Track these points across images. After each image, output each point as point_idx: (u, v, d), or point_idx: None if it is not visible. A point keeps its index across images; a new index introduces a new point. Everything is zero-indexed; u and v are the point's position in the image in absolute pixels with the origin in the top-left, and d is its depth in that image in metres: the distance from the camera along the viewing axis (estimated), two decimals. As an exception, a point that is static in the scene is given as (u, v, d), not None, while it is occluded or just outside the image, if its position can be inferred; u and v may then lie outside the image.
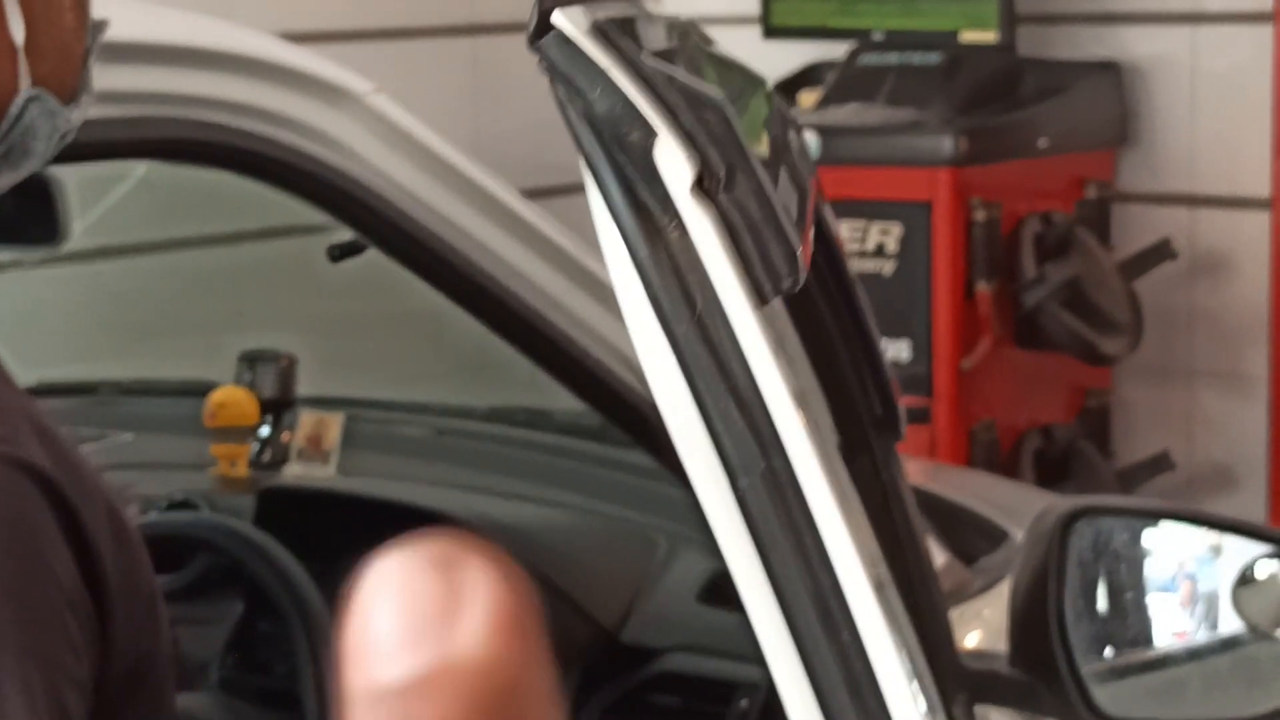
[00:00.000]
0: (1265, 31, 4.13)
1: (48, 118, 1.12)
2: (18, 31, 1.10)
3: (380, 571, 0.71)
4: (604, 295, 1.86)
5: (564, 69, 0.84)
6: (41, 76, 1.12)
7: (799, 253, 0.86)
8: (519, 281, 1.81)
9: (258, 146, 1.64)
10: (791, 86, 4.60)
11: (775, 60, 4.67)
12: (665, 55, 0.89)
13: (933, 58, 4.34)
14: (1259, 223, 4.22)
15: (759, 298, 0.86)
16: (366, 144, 1.71)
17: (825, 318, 1.55)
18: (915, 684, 0.93)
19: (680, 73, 0.86)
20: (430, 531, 0.93)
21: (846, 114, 4.24)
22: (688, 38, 1.04)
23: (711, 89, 0.86)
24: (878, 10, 4.46)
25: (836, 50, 4.51)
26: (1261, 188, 4.18)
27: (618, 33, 0.85)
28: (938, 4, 4.37)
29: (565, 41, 0.84)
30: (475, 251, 1.79)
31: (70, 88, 1.15)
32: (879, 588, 0.91)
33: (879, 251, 4.15)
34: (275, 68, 1.66)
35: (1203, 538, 1.67)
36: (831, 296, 1.67)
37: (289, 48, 1.71)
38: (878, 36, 4.44)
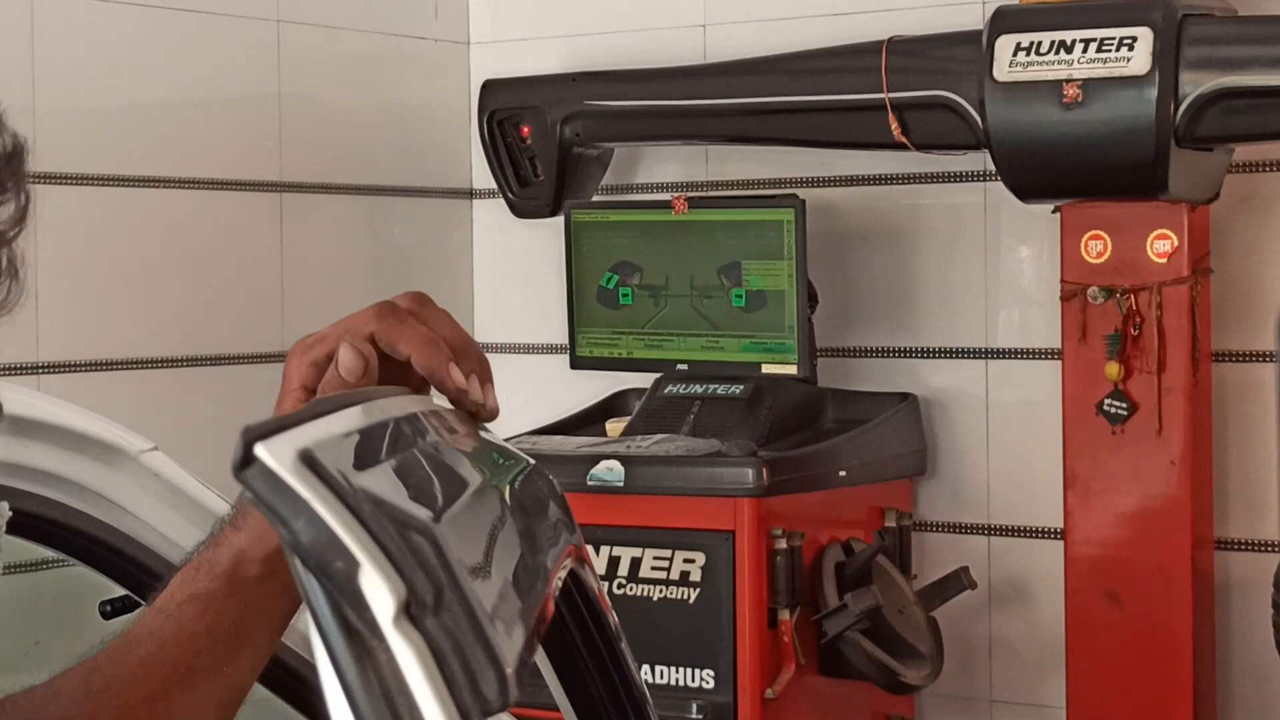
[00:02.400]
0: (1055, 366, 4.27)
1: None
2: None
3: None
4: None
5: (268, 500, 0.86)
6: None
7: (509, 674, 0.87)
8: (296, 638, 1.80)
9: (30, 506, 1.64)
10: (598, 415, 4.68)
11: (583, 388, 4.76)
12: (392, 465, 0.92)
13: (736, 389, 4.43)
14: (1054, 552, 4.31)
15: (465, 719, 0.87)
16: (140, 502, 1.72)
17: (593, 685, 1.56)
18: None
19: (392, 499, 0.88)
20: None
21: (650, 443, 4.31)
22: (430, 434, 1.07)
23: (421, 512, 0.88)
24: (682, 344, 4.56)
25: (644, 379, 4.59)
26: (1054, 518, 4.28)
27: (328, 456, 0.87)
28: (740, 338, 4.48)
29: (267, 474, 0.86)
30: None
31: None
32: None
33: (683, 580, 4.18)
34: (49, 428, 1.68)
35: None
36: (601, 662, 1.69)
37: (64, 406, 1.73)
38: (682, 368, 4.53)
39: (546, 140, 4.76)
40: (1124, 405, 4.08)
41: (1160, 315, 4.06)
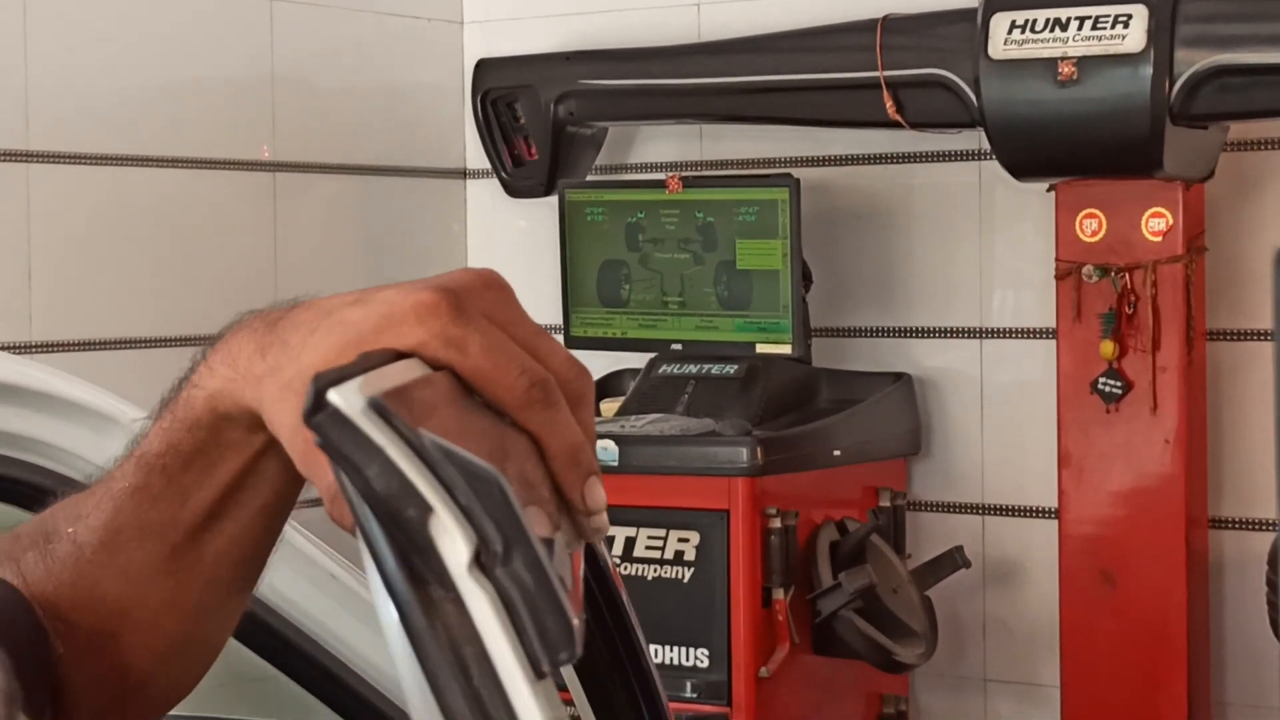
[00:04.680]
0: (1049, 346, 4.26)
1: None
2: None
3: None
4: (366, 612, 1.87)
5: (339, 447, 0.86)
6: None
7: (576, 626, 0.87)
8: (290, 608, 1.80)
9: (19, 474, 1.63)
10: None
11: (577, 369, 4.74)
12: (470, 410, 0.91)
13: (730, 368, 4.43)
14: (1048, 532, 4.31)
15: (536, 672, 0.87)
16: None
17: (606, 669, 1.55)
18: None
19: (457, 449, 0.87)
20: None
21: (645, 423, 4.30)
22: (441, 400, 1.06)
23: (485, 461, 0.87)
24: (676, 323, 4.55)
25: (638, 359, 4.59)
26: (1048, 497, 4.28)
27: (397, 406, 0.86)
28: (734, 318, 4.47)
29: (341, 419, 0.86)
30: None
31: None
32: None
33: (677, 559, 4.18)
34: (39, 395, 1.67)
35: None
36: (609, 630, 1.68)
37: (54, 374, 1.72)
38: (676, 348, 4.53)
39: (540, 119, 4.76)
40: (1118, 384, 4.08)
41: (1155, 294, 4.06)
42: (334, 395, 0.86)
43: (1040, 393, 4.32)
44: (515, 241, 5.03)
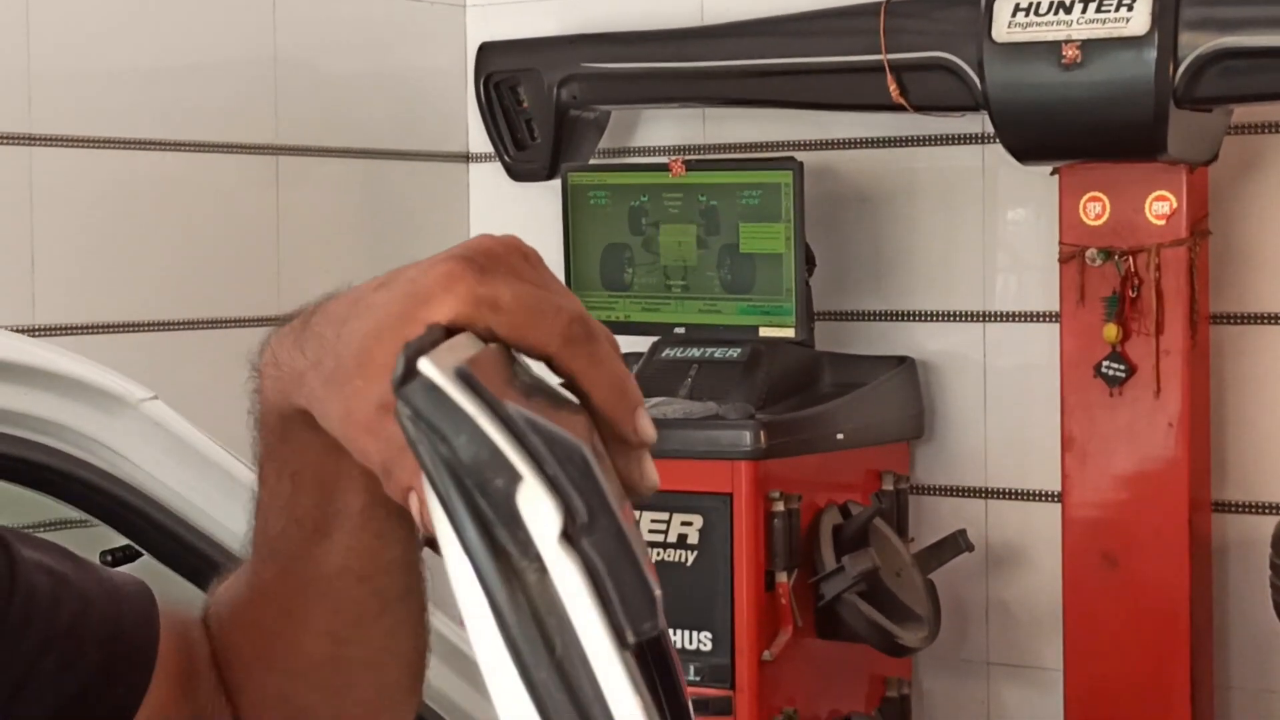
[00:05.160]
0: (1052, 330, 4.26)
1: None
2: None
3: None
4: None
5: (428, 415, 0.85)
6: None
7: (658, 596, 0.87)
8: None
9: (29, 454, 1.63)
10: (596, 378, 4.67)
11: (580, 352, 4.74)
12: (521, 389, 0.91)
13: (733, 352, 4.42)
14: (1051, 516, 4.31)
15: (620, 641, 0.87)
16: (140, 451, 1.71)
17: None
18: None
19: (541, 418, 0.87)
20: None
21: (649, 407, 4.30)
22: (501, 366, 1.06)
23: (571, 435, 0.88)
24: (679, 307, 4.55)
25: (641, 343, 4.59)
26: (1051, 481, 4.28)
27: (484, 375, 0.87)
28: (737, 301, 4.47)
29: (431, 389, 0.86)
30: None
31: None
32: None
33: (681, 543, 4.18)
34: (48, 375, 1.67)
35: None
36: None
37: (62, 354, 1.72)
38: (679, 331, 4.53)
39: (543, 103, 4.75)
40: (1122, 367, 4.08)
41: (1159, 277, 4.06)
42: (424, 364, 0.86)
43: (1043, 376, 4.32)
44: (518, 225, 5.02)
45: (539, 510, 0.84)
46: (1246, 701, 4.24)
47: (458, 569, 0.85)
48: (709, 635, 4.15)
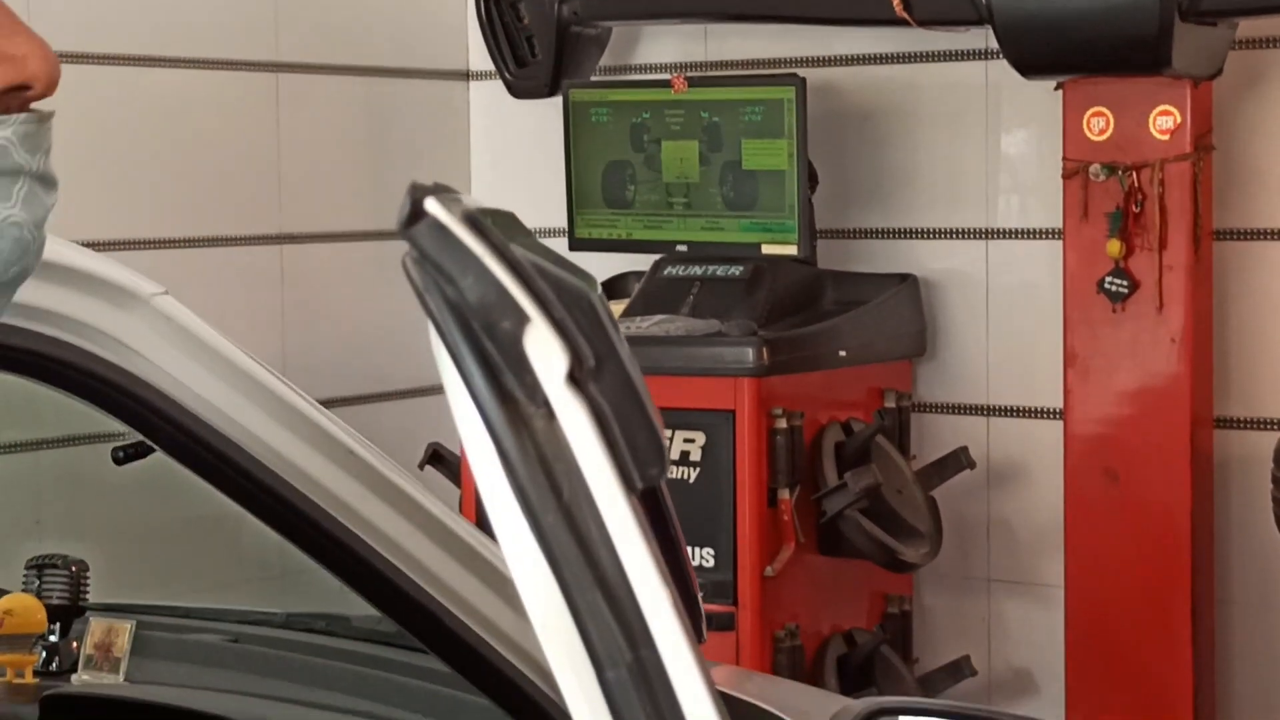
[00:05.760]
0: (1055, 246, 4.25)
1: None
2: None
3: None
4: (397, 499, 1.87)
5: (435, 256, 0.84)
6: None
7: (666, 446, 0.87)
8: (307, 484, 1.80)
9: (39, 347, 1.63)
10: (597, 297, 4.66)
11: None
12: (527, 247, 0.91)
13: (735, 269, 4.42)
14: (1053, 432, 4.31)
15: (628, 485, 0.87)
16: (153, 346, 1.70)
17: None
18: None
19: (547, 263, 0.87)
20: None
21: (651, 324, 4.30)
22: (515, 229, 1.06)
23: (577, 279, 0.87)
24: (682, 224, 4.54)
25: (643, 261, 4.58)
26: (1054, 398, 4.28)
27: (488, 221, 0.86)
28: (740, 219, 4.46)
29: (438, 228, 0.85)
30: (265, 455, 1.79)
31: None
32: None
33: (683, 460, 4.18)
34: (58, 268, 1.66)
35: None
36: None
37: (72, 248, 1.71)
38: (682, 249, 4.52)
39: (544, 19, 4.73)
40: (1125, 283, 4.08)
41: (1162, 192, 4.05)
42: (431, 204, 0.85)
43: (1046, 293, 4.32)
44: (519, 143, 5.01)
45: (546, 353, 0.84)
46: (1247, 616, 4.25)
47: (465, 419, 0.85)
48: (711, 552, 4.16)
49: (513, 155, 5.01)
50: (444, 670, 2.08)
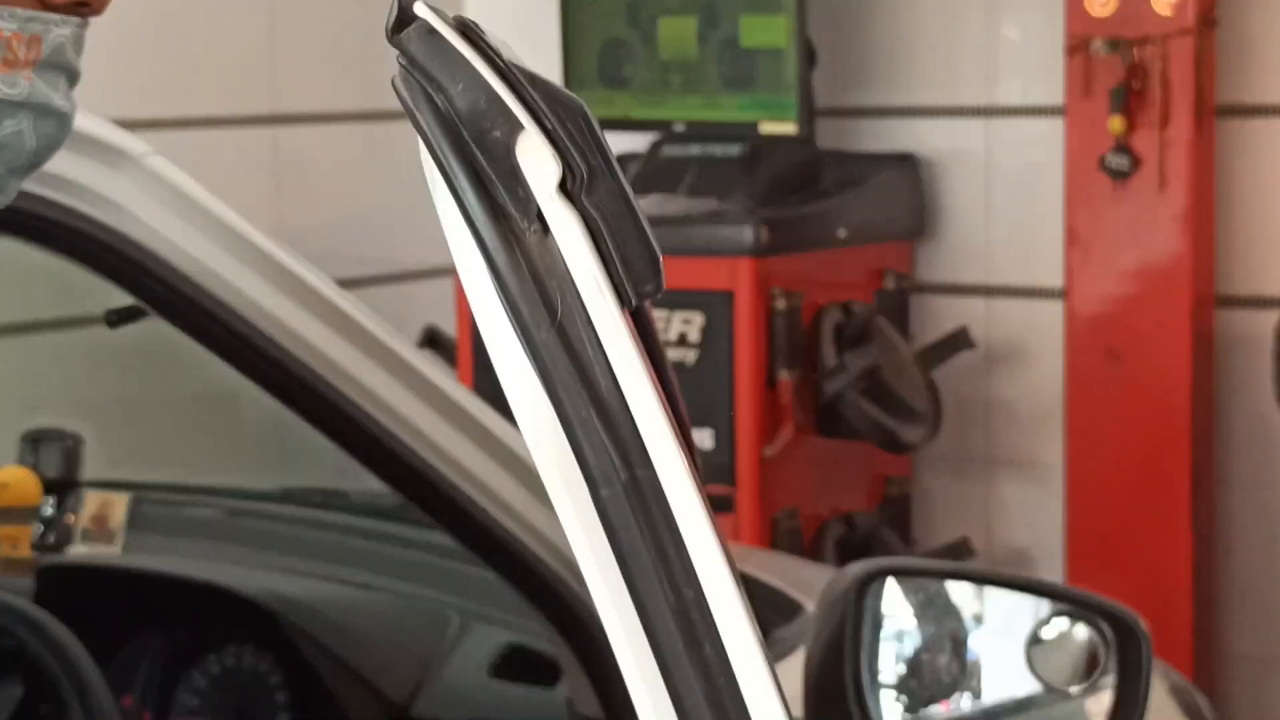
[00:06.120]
0: (1056, 124, 4.21)
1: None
2: None
3: None
4: (396, 367, 1.84)
5: (425, 62, 0.82)
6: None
7: (660, 259, 0.85)
8: (305, 349, 1.77)
9: (30, 207, 1.60)
10: (594, 178, 4.62)
11: (578, 152, 4.69)
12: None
13: (733, 149, 4.37)
14: (1053, 312, 4.29)
15: (622, 302, 0.85)
16: (144, 206, 1.67)
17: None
18: (781, 702, 0.90)
19: (539, 74, 0.84)
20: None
21: (649, 204, 4.26)
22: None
23: (573, 95, 0.85)
24: (679, 103, 4.49)
25: (639, 141, 4.54)
26: (1054, 278, 4.25)
27: (478, 29, 0.83)
28: (738, 97, 4.41)
29: (429, 33, 0.82)
30: (258, 317, 1.76)
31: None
32: (746, 601, 0.89)
33: (681, 341, 4.16)
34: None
35: (995, 597, 1.67)
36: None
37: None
38: (679, 128, 4.47)
39: (539, -105, 4.66)
40: (1126, 160, 4.04)
41: (1165, 68, 4.00)
42: (420, 8, 0.83)
43: (1047, 172, 4.28)
44: (514, 20, 4.95)
45: (538, 162, 0.82)
46: (1247, 496, 4.24)
47: (457, 236, 0.83)
48: (711, 433, 4.14)
49: (507, 32, 4.90)
50: (442, 543, 2.07)
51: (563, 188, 0.83)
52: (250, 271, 1.74)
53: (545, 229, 0.83)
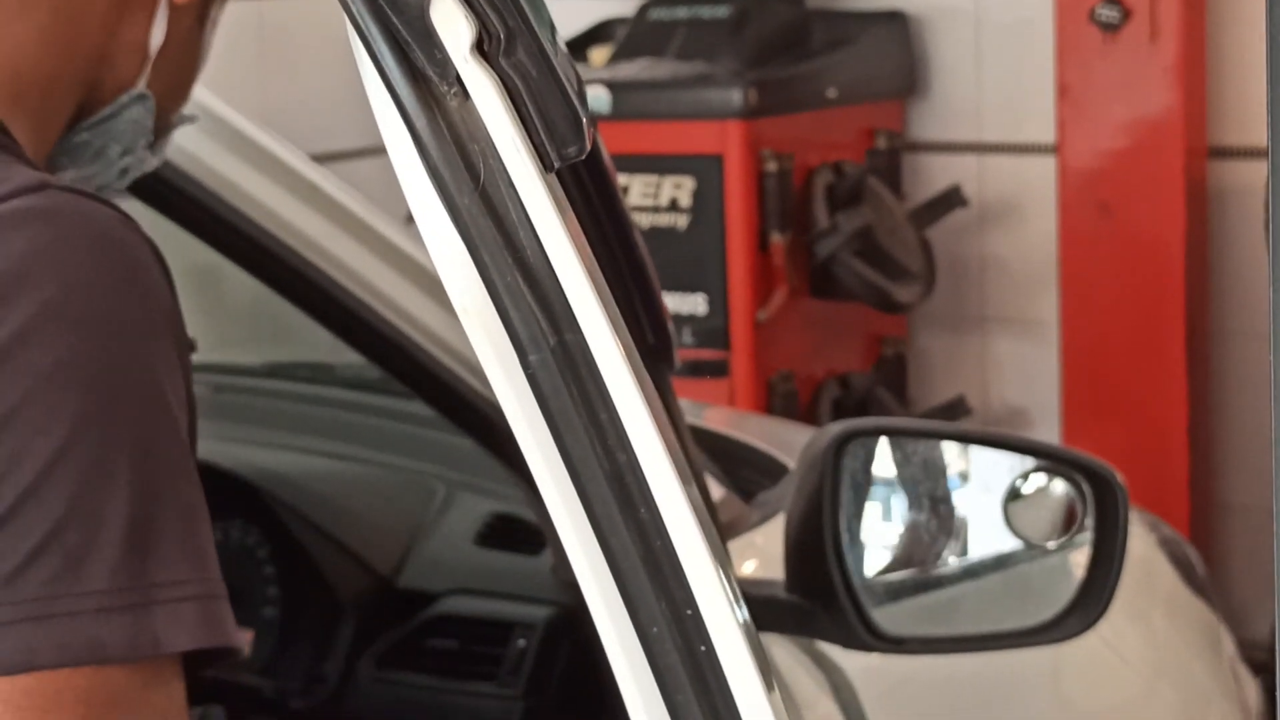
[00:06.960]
0: (1046, -22, 4.17)
1: (137, 129, 1.10)
2: (157, 37, 1.08)
3: None
4: (380, 247, 1.84)
5: None
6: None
7: (585, 119, 0.84)
8: (278, 225, 1.77)
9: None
10: (583, 43, 4.59)
11: (566, 17, 4.65)
12: None
13: (721, 11, 4.33)
14: (1045, 168, 4.26)
15: (544, 165, 0.84)
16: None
17: (597, 246, 1.53)
18: (716, 560, 0.90)
19: None
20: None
21: (637, 69, 4.23)
22: None
23: None
24: (664, -36, 4.45)
25: (627, 6, 4.50)
26: (1046, 134, 4.23)
27: None
28: (724, -43, 4.36)
29: None
30: (232, 195, 1.75)
31: (160, 126, 1.13)
32: (677, 463, 0.88)
33: (672, 206, 4.14)
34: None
35: (973, 454, 1.67)
36: (602, 223, 1.66)
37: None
38: (666, -10, 4.43)
39: None
40: (1117, 12, 4.00)
41: (1155, -83, 3.96)
42: None
43: (1037, 26, 4.24)
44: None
45: (453, 23, 0.81)
46: (1247, 345, 4.23)
47: (379, 102, 0.83)
48: (704, 297, 4.13)
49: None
50: (428, 415, 2.07)
51: (480, 49, 0.82)
52: (225, 150, 1.73)
53: (465, 93, 0.82)
